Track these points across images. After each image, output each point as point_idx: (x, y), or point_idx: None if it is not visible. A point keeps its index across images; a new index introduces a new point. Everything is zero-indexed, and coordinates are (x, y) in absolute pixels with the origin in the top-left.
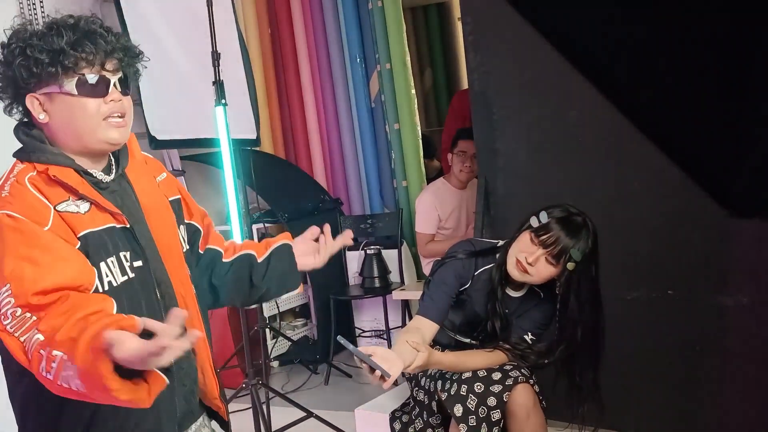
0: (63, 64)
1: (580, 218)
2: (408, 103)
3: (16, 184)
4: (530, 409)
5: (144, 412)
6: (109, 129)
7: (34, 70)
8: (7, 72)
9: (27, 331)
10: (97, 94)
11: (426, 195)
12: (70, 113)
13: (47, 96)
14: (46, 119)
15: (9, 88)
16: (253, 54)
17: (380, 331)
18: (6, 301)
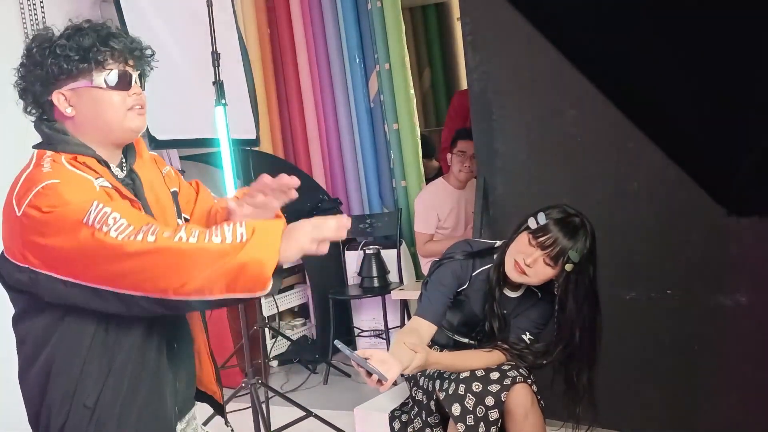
0: (96, 60)
1: (578, 219)
2: (407, 103)
3: (54, 163)
4: (528, 408)
5: (150, 391)
6: (132, 118)
7: (65, 66)
8: (36, 70)
9: (128, 229)
10: (123, 88)
11: (425, 195)
12: (98, 106)
13: (74, 91)
14: (73, 113)
15: (37, 84)
16: (252, 54)
17: (379, 331)
18: (102, 211)
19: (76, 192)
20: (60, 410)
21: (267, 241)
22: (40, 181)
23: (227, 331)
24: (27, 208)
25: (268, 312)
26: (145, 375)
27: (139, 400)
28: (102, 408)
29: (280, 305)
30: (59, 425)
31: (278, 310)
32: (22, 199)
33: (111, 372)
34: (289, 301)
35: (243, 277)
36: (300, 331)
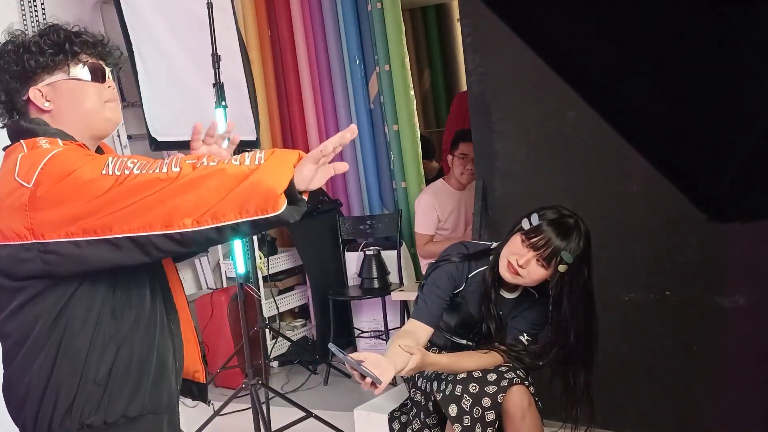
0: (72, 51)
1: (572, 220)
2: (407, 104)
3: (52, 142)
4: (525, 410)
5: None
6: (109, 109)
7: (41, 60)
8: (12, 67)
9: (153, 165)
10: (98, 80)
11: (425, 196)
12: (77, 97)
13: (50, 86)
14: (51, 107)
15: (12, 82)
16: (252, 55)
17: (379, 332)
18: (119, 160)
19: (85, 154)
20: (68, 389)
21: (281, 160)
22: (46, 153)
23: (228, 332)
24: (39, 177)
25: (269, 313)
26: (154, 348)
27: (148, 373)
28: (114, 382)
29: (281, 306)
30: (67, 404)
31: (278, 311)
32: (30, 172)
33: (120, 348)
34: (290, 302)
35: (254, 196)
36: (300, 332)
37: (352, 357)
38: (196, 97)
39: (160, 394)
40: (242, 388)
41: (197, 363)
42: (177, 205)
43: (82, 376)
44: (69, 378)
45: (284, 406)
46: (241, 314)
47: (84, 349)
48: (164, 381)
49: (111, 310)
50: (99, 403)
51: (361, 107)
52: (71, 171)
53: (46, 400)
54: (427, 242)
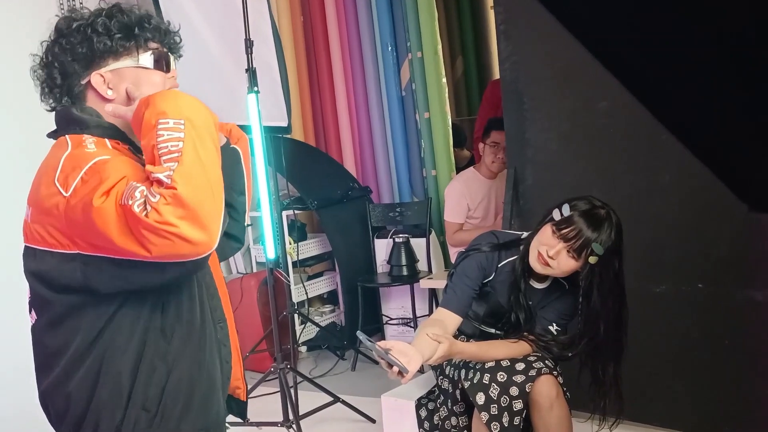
0: (144, 37)
1: (604, 211)
2: (439, 91)
3: (98, 143)
4: (553, 400)
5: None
6: None
7: (109, 44)
8: (77, 49)
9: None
10: (165, 69)
11: (455, 184)
12: (141, 86)
13: (114, 72)
14: (114, 95)
15: (75, 65)
16: (285, 42)
17: (407, 319)
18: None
19: (120, 167)
20: (112, 412)
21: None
22: (89, 158)
23: (257, 316)
24: (79, 185)
25: (298, 298)
26: (203, 366)
27: (198, 393)
28: (164, 407)
29: (310, 291)
30: (112, 429)
31: (307, 296)
32: (69, 180)
33: (171, 370)
34: (319, 287)
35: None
36: (329, 317)
37: (380, 345)
38: (229, 82)
39: (209, 412)
40: (271, 371)
41: (239, 379)
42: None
43: (129, 400)
44: (113, 400)
45: (312, 391)
46: (271, 299)
47: (129, 371)
48: (213, 398)
49: (160, 327)
50: (148, 427)
51: (393, 94)
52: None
53: (87, 421)
54: (456, 230)
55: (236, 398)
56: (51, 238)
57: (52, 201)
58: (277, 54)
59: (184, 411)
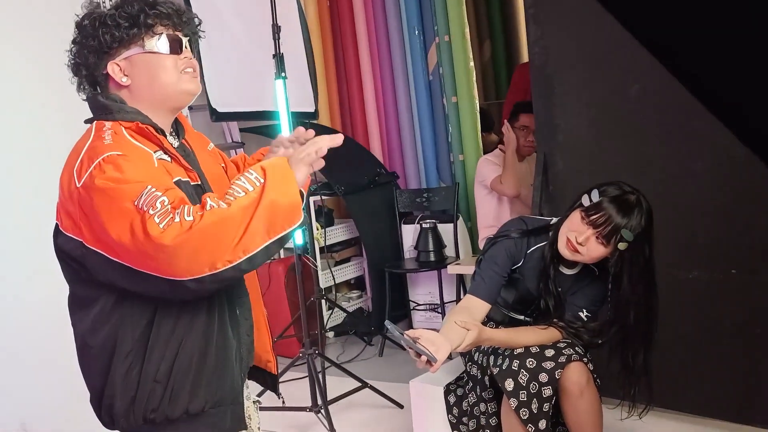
0: (146, 24)
1: (634, 197)
2: (466, 76)
3: (115, 134)
4: (583, 386)
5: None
6: (187, 81)
7: (117, 34)
8: (89, 42)
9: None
10: (174, 51)
11: (489, 157)
12: (152, 71)
13: (127, 60)
14: (128, 82)
15: (90, 57)
16: (311, 27)
17: (435, 305)
18: (152, 195)
19: (135, 168)
20: (127, 385)
21: (281, 173)
22: (102, 152)
23: (285, 302)
24: (87, 180)
25: (325, 284)
26: (212, 343)
27: (208, 368)
28: (175, 380)
29: (337, 277)
30: (128, 400)
31: (335, 281)
32: (83, 171)
33: (181, 345)
34: (346, 273)
35: (277, 216)
36: (356, 303)
37: (408, 335)
38: (256, 68)
39: (222, 387)
40: (299, 357)
41: (269, 353)
42: (209, 250)
43: (141, 374)
44: (127, 374)
45: (340, 376)
46: (299, 284)
47: (141, 347)
48: (227, 373)
49: (166, 314)
50: (161, 400)
51: (420, 78)
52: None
53: (107, 393)
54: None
55: (268, 371)
56: (66, 221)
57: (69, 188)
58: (304, 39)
59: (195, 385)
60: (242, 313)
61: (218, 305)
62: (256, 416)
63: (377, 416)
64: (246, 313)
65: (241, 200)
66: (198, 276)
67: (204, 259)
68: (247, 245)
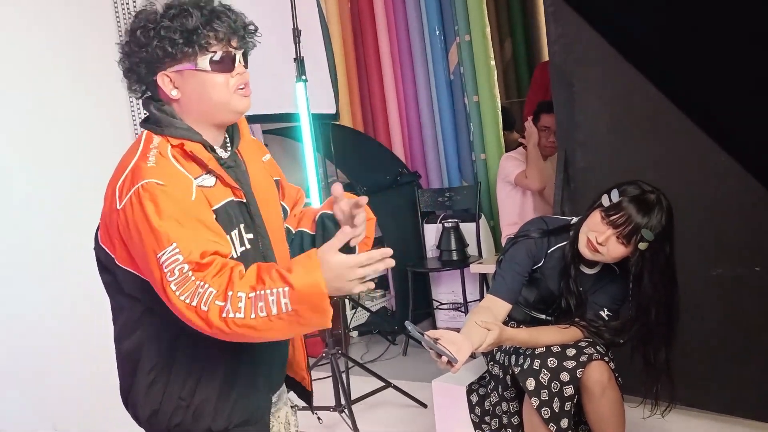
0: (199, 43)
1: (654, 196)
2: (487, 74)
3: (160, 156)
4: (605, 385)
5: (245, 382)
6: (238, 100)
7: (169, 50)
8: (141, 52)
9: (188, 290)
10: (227, 69)
11: (512, 154)
12: (203, 88)
13: (178, 73)
14: (178, 95)
15: (142, 66)
16: (332, 28)
17: (458, 304)
18: (174, 258)
19: (172, 204)
20: (150, 398)
21: (313, 304)
22: (143, 176)
23: None
24: (126, 205)
25: None
26: (240, 363)
27: (234, 388)
28: (199, 399)
29: None
30: (150, 412)
31: None
32: (123, 192)
33: (207, 364)
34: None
35: (302, 332)
36: (379, 302)
37: (428, 335)
38: (278, 70)
39: (247, 407)
40: (323, 356)
41: (304, 371)
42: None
43: (166, 390)
44: (150, 387)
45: (363, 376)
46: None
47: (166, 364)
48: (253, 394)
49: (192, 332)
50: (183, 417)
51: (441, 78)
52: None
53: (131, 399)
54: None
55: (303, 387)
56: (103, 233)
57: (111, 206)
58: (325, 42)
59: (219, 404)
60: None
61: None
62: (294, 419)
63: (401, 416)
64: None
65: (260, 323)
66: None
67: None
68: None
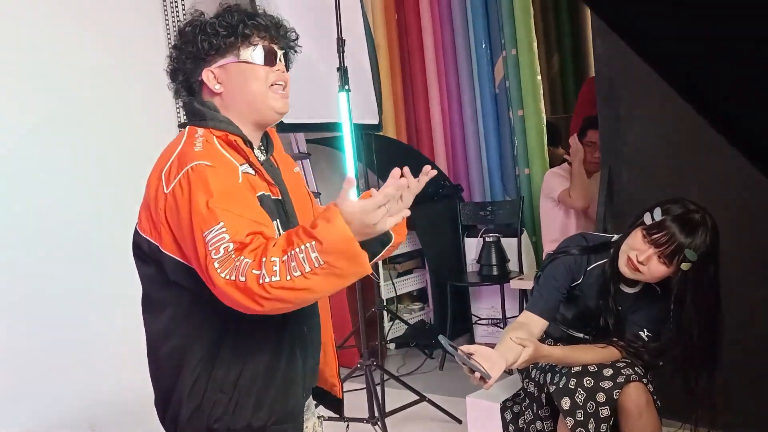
0: (243, 34)
1: (699, 215)
2: (533, 89)
3: (206, 142)
4: (643, 408)
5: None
6: (275, 98)
7: (214, 42)
8: (188, 48)
9: (228, 267)
10: (268, 63)
11: (556, 170)
12: (245, 80)
13: (222, 68)
14: (221, 89)
15: (188, 62)
16: (379, 39)
17: (497, 320)
18: (220, 237)
19: (221, 181)
20: (194, 393)
21: (343, 249)
22: (192, 159)
23: (347, 311)
24: (175, 187)
25: (387, 295)
26: (280, 360)
27: (274, 384)
28: (240, 393)
29: (399, 289)
30: (193, 407)
31: (396, 293)
32: (171, 176)
33: (249, 358)
34: (408, 285)
35: (345, 282)
36: (418, 315)
37: (462, 350)
38: (322, 80)
39: (286, 405)
40: (357, 368)
41: (335, 377)
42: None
43: (208, 383)
44: (195, 383)
45: (398, 389)
46: (358, 294)
47: (210, 359)
48: (292, 392)
49: (236, 327)
50: (224, 411)
51: (486, 92)
52: (195, 196)
53: (174, 399)
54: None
55: (334, 395)
56: (147, 223)
57: (157, 192)
58: (369, 52)
59: (259, 400)
60: (311, 334)
61: (288, 322)
62: (320, 430)
63: (435, 430)
64: (314, 335)
65: (297, 282)
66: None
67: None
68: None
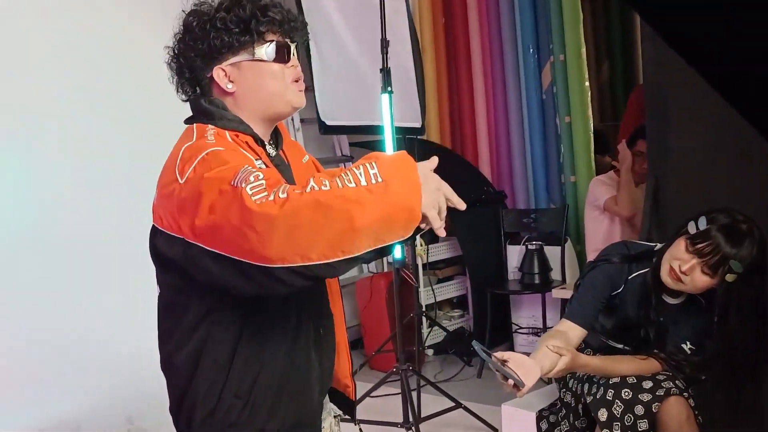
0: (257, 31)
1: (746, 226)
2: (581, 95)
3: (218, 136)
4: (683, 422)
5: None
6: (293, 93)
7: (227, 39)
8: (198, 45)
9: (263, 191)
10: (282, 60)
11: (602, 178)
12: (260, 78)
13: (234, 66)
14: (234, 88)
15: (198, 60)
16: (425, 42)
17: (537, 329)
18: (248, 172)
19: (238, 157)
20: (207, 398)
21: (405, 176)
22: (205, 148)
23: (385, 316)
24: (191, 174)
25: (426, 301)
26: (296, 364)
27: (289, 389)
28: (255, 398)
29: (438, 295)
30: (206, 412)
31: (436, 299)
32: (186, 166)
33: (264, 363)
34: (448, 291)
35: (392, 224)
36: (457, 322)
37: (496, 357)
38: (366, 82)
39: (301, 409)
40: (392, 372)
41: (348, 378)
42: (294, 236)
43: (224, 388)
44: (209, 386)
45: (435, 395)
46: (396, 299)
47: (225, 361)
48: (307, 396)
49: (256, 323)
50: (239, 416)
51: (533, 97)
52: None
53: (186, 404)
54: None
55: (347, 396)
56: (166, 219)
57: (171, 187)
58: (414, 54)
59: (274, 404)
60: (325, 336)
61: (303, 325)
62: (337, 429)
63: None
64: (329, 336)
65: (350, 193)
66: (289, 264)
67: (298, 244)
68: (349, 245)
